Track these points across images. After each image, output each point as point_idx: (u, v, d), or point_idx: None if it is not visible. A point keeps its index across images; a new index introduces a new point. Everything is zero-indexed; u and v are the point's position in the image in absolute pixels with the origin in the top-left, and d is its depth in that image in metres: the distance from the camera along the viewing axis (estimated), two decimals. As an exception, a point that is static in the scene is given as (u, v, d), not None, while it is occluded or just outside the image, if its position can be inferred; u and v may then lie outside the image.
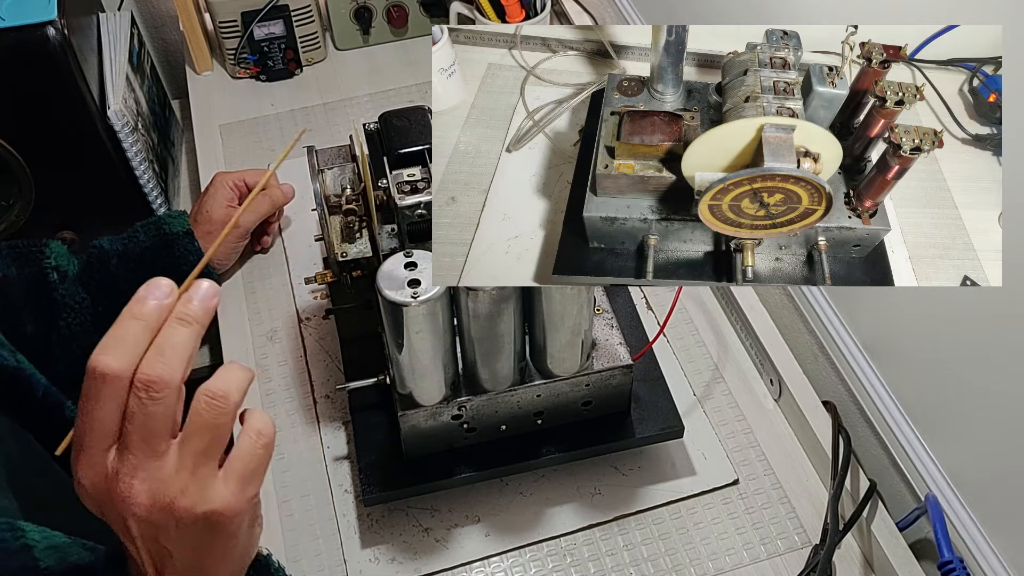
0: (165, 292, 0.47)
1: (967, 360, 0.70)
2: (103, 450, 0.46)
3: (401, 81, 1.27)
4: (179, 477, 0.46)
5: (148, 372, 0.45)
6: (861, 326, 0.83)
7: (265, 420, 0.49)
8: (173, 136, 1.28)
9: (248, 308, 1.00)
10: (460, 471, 0.79)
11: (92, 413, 0.45)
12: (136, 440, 0.45)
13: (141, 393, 0.45)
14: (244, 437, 0.49)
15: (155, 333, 0.46)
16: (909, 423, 0.78)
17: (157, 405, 0.45)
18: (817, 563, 0.75)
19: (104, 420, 0.45)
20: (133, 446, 0.45)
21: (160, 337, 0.46)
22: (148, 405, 0.45)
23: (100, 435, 0.46)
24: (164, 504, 0.46)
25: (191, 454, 0.46)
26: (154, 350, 0.45)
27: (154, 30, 1.49)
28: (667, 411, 0.82)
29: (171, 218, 0.95)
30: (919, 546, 0.80)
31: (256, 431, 0.49)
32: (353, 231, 0.81)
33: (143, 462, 0.46)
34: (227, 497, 0.47)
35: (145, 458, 0.46)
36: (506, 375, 0.76)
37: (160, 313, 0.46)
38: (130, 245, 0.93)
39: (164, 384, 0.45)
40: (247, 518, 0.49)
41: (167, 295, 0.47)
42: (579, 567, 0.79)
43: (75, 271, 0.91)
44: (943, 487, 0.75)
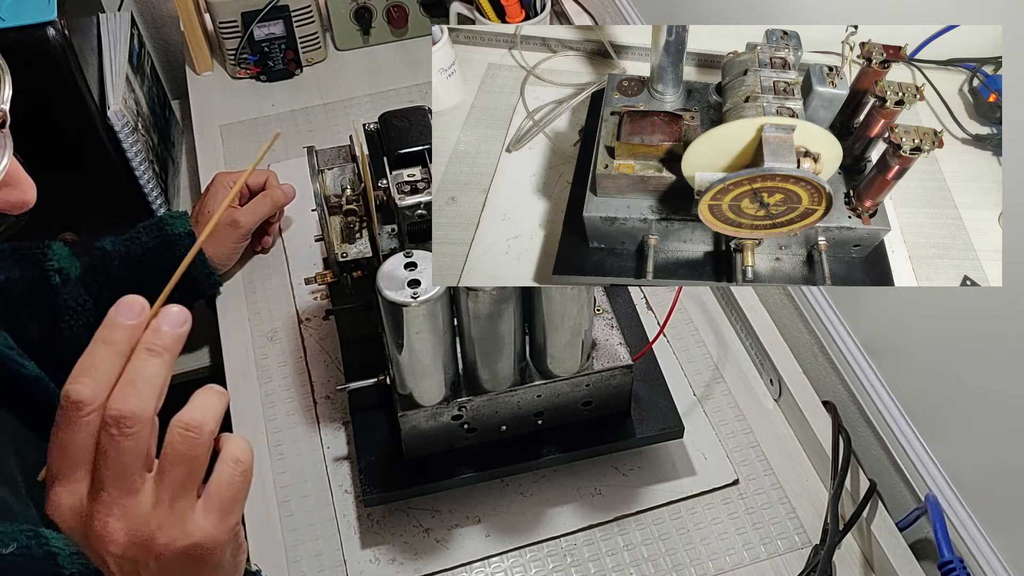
0: (135, 313, 0.45)
1: (967, 360, 0.70)
2: (76, 481, 0.45)
3: (401, 81, 1.27)
4: (156, 512, 0.45)
5: (119, 407, 0.44)
6: (861, 326, 0.83)
7: (242, 446, 0.48)
8: (173, 136, 1.28)
9: (248, 308, 1.00)
10: (460, 471, 0.79)
11: (64, 443, 0.44)
12: (110, 477, 0.44)
13: (113, 429, 0.43)
14: (222, 466, 0.47)
15: (126, 358, 0.45)
16: (909, 423, 0.78)
17: (129, 440, 0.44)
18: (817, 563, 0.75)
19: (77, 450, 0.44)
20: (107, 483, 0.44)
21: (131, 369, 0.44)
22: (120, 441, 0.43)
23: (72, 465, 0.44)
24: (142, 541, 0.45)
25: (168, 487, 0.45)
26: (125, 383, 0.44)
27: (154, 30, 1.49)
28: (667, 411, 0.82)
29: (173, 219, 0.95)
30: (919, 546, 0.80)
31: (234, 459, 0.47)
32: (353, 231, 0.81)
33: (117, 499, 0.44)
34: (208, 529, 0.46)
35: (120, 495, 0.44)
36: (506, 375, 0.76)
37: (131, 337, 0.45)
38: (132, 247, 0.93)
39: (136, 419, 0.44)
40: (229, 548, 0.48)
41: (137, 315, 0.45)
42: (579, 567, 0.79)
43: (77, 273, 0.91)
44: (943, 487, 0.75)
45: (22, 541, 0.52)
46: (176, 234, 0.94)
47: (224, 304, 1.01)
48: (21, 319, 0.88)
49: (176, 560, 0.46)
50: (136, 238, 0.94)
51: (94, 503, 0.44)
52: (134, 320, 0.45)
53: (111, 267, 0.92)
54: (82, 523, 0.45)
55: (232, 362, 0.95)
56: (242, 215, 0.99)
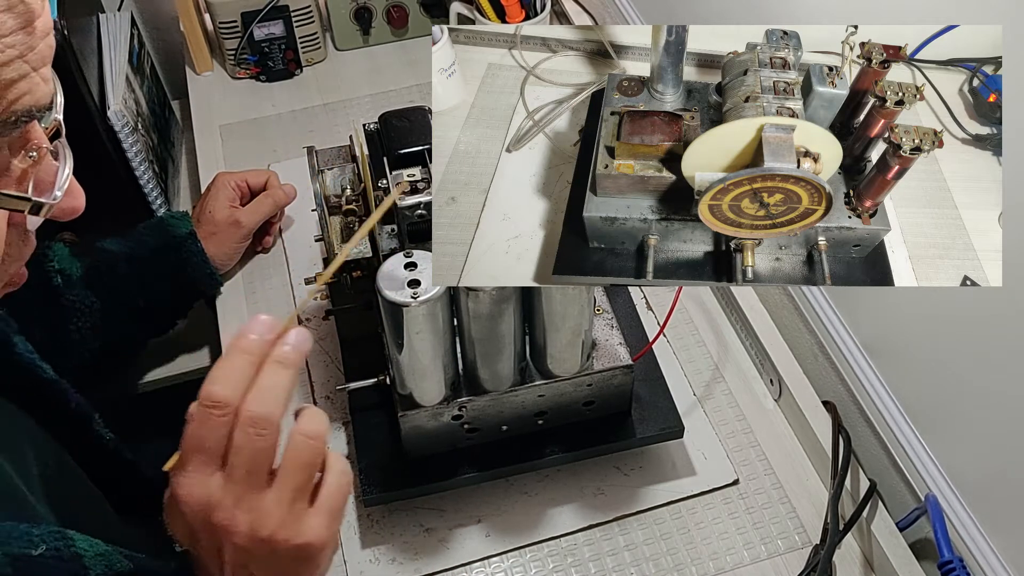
0: (268, 329, 0.51)
1: (967, 360, 0.70)
2: (208, 475, 0.49)
3: (401, 81, 1.27)
4: (278, 510, 0.50)
5: (257, 409, 0.48)
6: (861, 326, 0.83)
7: (346, 462, 0.54)
8: (173, 136, 1.28)
9: (248, 308, 1.00)
10: (461, 471, 0.79)
11: (202, 437, 0.48)
12: (241, 472, 0.49)
13: (249, 428, 0.48)
14: (332, 477, 0.52)
15: (257, 367, 0.50)
16: (909, 423, 0.78)
17: (263, 441, 0.49)
18: (817, 563, 0.75)
19: (213, 445, 0.49)
20: (238, 477, 0.49)
21: (263, 377, 0.49)
22: (255, 440, 0.48)
23: (207, 459, 0.49)
24: (264, 536, 0.49)
25: (289, 489, 0.50)
26: (261, 389, 0.49)
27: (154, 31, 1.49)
28: (667, 411, 0.82)
29: (175, 219, 0.95)
30: (919, 546, 0.80)
31: (341, 471, 0.53)
32: (353, 231, 0.81)
33: (246, 493, 0.49)
34: (319, 531, 0.51)
35: (249, 490, 0.49)
36: (507, 375, 0.76)
37: (263, 350, 0.50)
38: (136, 247, 0.93)
39: (269, 422, 0.49)
40: (330, 549, 0.53)
41: (270, 331, 0.51)
42: (580, 567, 0.79)
43: (79, 273, 0.91)
44: (943, 487, 0.75)
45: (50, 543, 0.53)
46: (179, 235, 0.94)
47: (224, 304, 1.01)
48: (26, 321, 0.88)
49: (287, 556, 0.51)
50: (139, 239, 0.94)
51: (224, 495, 0.49)
52: (268, 335, 0.50)
53: (116, 268, 0.92)
54: (207, 512, 0.49)
55: (232, 362, 0.95)
56: (244, 215, 0.99)
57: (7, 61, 0.43)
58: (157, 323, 0.99)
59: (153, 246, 0.93)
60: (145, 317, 0.95)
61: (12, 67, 0.43)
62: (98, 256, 0.92)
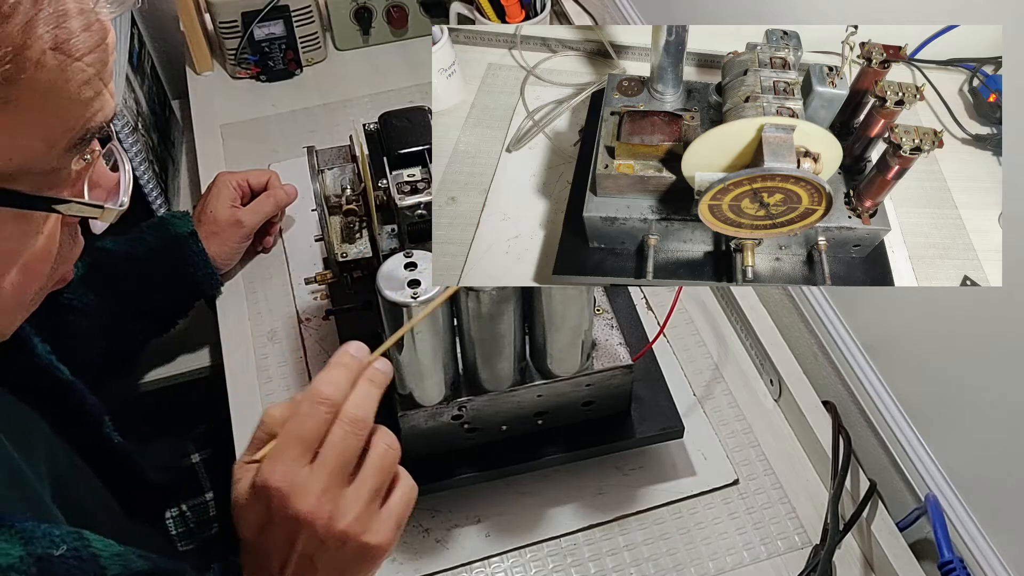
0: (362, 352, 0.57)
1: (967, 360, 0.70)
2: (301, 464, 0.53)
3: (401, 82, 1.27)
4: (355, 507, 0.54)
5: (356, 411, 0.54)
6: (861, 326, 0.83)
7: (411, 479, 0.59)
8: (173, 136, 1.28)
9: (248, 308, 1.00)
10: (460, 471, 0.79)
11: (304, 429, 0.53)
12: (332, 465, 0.53)
13: (348, 426, 0.53)
14: (402, 487, 0.57)
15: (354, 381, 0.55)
16: (909, 423, 0.78)
17: (357, 440, 0.54)
18: (817, 563, 0.75)
19: (311, 435, 0.53)
20: (329, 469, 0.53)
21: (360, 389, 0.55)
22: (350, 438, 0.53)
23: (304, 450, 0.53)
24: (340, 527, 0.53)
25: (368, 489, 0.54)
26: (358, 396, 0.55)
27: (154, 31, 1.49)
28: (667, 411, 0.82)
29: (175, 219, 0.95)
30: (919, 546, 0.80)
31: (411, 486, 0.58)
32: (353, 231, 0.81)
33: (333, 485, 0.53)
34: (387, 534, 0.55)
35: (336, 481, 0.53)
36: (506, 375, 0.76)
37: (360, 366, 0.56)
38: (137, 247, 0.93)
39: (365, 425, 0.54)
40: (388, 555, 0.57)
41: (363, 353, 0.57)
42: (580, 567, 0.79)
43: (79, 273, 0.91)
44: (943, 487, 0.75)
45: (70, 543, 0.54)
46: (180, 234, 0.94)
47: (224, 304, 1.01)
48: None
49: (355, 552, 0.54)
50: (140, 238, 0.94)
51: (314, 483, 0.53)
52: (362, 356, 0.56)
53: (116, 267, 0.92)
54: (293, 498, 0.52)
55: (232, 362, 0.95)
56: (245, 215, 0.99)
57: (87, 80, 0.43)
58: (158, 323, 0.99)
59: (153, 246, 0.93)
60: (146, 317, 0.95)
61: (90, 86, 0.44)
62: (98, 256, 0.92)
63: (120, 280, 0.91)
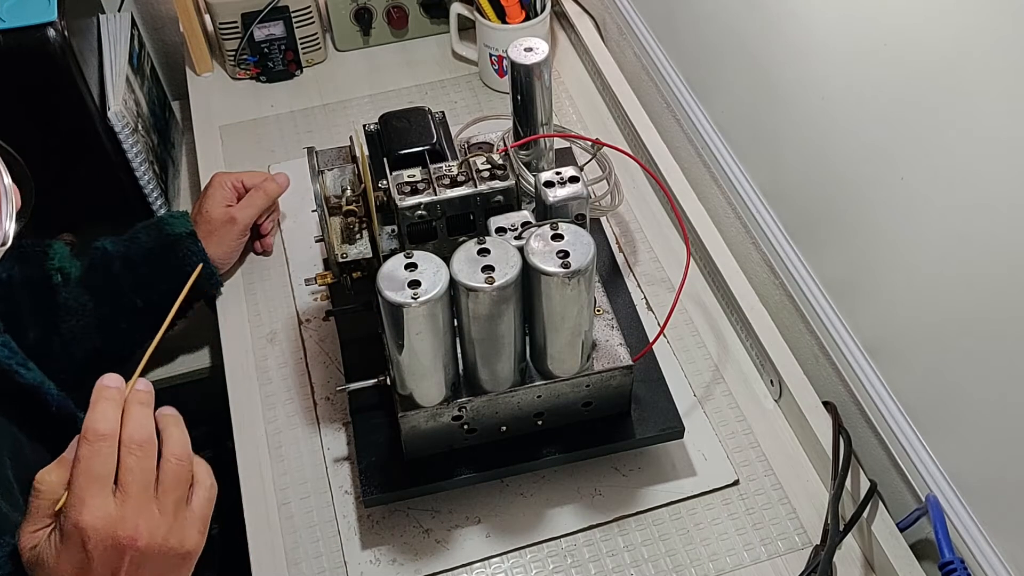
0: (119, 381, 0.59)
1: (967, 360, 0.70)
2: (105, 497, 0.55)
3: (401, 82, 1.27)
4: (165, 520, 0.57)
5: (139, 434, 0.57)
6: (861, 326, 0.83)
7: (208, 470, 0.62)
8: (173, 137, 1.28)
9: (248, 310, 1.00)
10: (460, 472, 0.79)
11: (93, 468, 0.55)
12: (136, 488, 0.56)
13: (137, 451, 0.56)
14: (200, 490, 0.60)
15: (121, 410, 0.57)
16: (909, 423, 0.78)
17: (148, 460, 0.57)
18: (818, 564, 0.75)
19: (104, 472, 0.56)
20: (134, 492, 0.56)
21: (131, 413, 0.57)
22: (143, 460, 0.57)
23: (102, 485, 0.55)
24: (158, 540, 0.57)
25: (171, 502, 0.58)
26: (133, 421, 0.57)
27: (154, 31, 1.49)
28: (667, 411, 0.82)
29: (173, 219, 0.95)
30: (920, 546, 0.80)
31: (209, 485, 0.61)
32: (353, 232, 0.81)
33: (143, 507, 0.56)
34: (196, 536, 0.59)
35: (145, 503, 0.56)
36: (506, 376, 0.76)
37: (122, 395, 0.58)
38: (132, 247, 0.93)
39: (151, 444, 0.57)
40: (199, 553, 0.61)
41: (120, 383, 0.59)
42: (580, 568, 0.79)
43: (78, 273, 0.91)
44: (943, 487, 0.75)
45: None
46: (177, 234, 0.94)
47: (224, 305, 1.01)
48: (22, 319, 0.88)
49: (173, 560, 0.58)
50: (136, 239, 0.94)
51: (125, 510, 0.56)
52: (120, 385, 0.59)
53: (111, 268, 0.92)
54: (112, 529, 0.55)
55: (232, 363, 0.95)
56: (238, 211, 0.98)
57: None
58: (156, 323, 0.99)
59: (148, 246, 0.93)
60: (144, 317, 0.95)
61: None
62: (94, 255, 0.92)
63: (114, 280, 0.91)
